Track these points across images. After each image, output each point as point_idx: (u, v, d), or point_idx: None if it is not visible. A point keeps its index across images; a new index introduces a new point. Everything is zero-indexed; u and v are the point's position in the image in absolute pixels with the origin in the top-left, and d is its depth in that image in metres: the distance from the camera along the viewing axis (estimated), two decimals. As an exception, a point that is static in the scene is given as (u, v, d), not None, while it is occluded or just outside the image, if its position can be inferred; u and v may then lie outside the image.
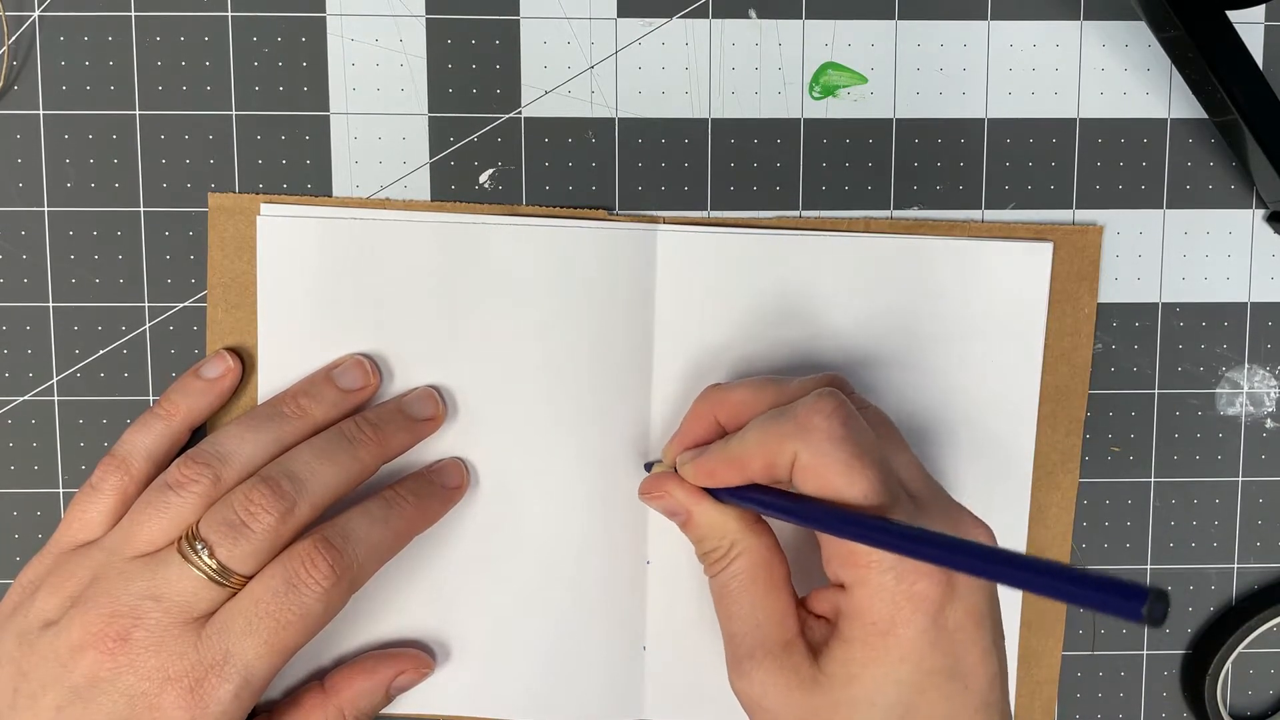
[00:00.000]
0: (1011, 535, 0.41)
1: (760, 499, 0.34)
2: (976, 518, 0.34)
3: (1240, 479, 0.42)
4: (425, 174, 0.40)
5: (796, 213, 0.40)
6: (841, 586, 0.33)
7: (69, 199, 0.40)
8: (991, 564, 0.28)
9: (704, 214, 0.40)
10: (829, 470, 0.32)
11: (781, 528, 0.36)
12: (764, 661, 0.33)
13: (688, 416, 0.37)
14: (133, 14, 0.39)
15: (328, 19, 0.39)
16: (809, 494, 0.32)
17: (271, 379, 0.40)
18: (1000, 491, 0.41)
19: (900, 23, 0.40)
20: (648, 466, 0.39)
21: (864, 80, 0.40)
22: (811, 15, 0.40)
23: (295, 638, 0.34)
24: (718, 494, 0.35)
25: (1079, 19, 0.40)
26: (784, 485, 0.34)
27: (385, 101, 0.40)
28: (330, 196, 0.40)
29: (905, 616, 0.31)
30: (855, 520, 0.31)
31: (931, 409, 0.40)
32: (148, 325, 0.40)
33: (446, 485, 0.39)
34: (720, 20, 0.40)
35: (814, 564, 0.36)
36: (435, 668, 0.40)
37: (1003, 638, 0.34)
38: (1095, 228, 0.40)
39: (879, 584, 0.32)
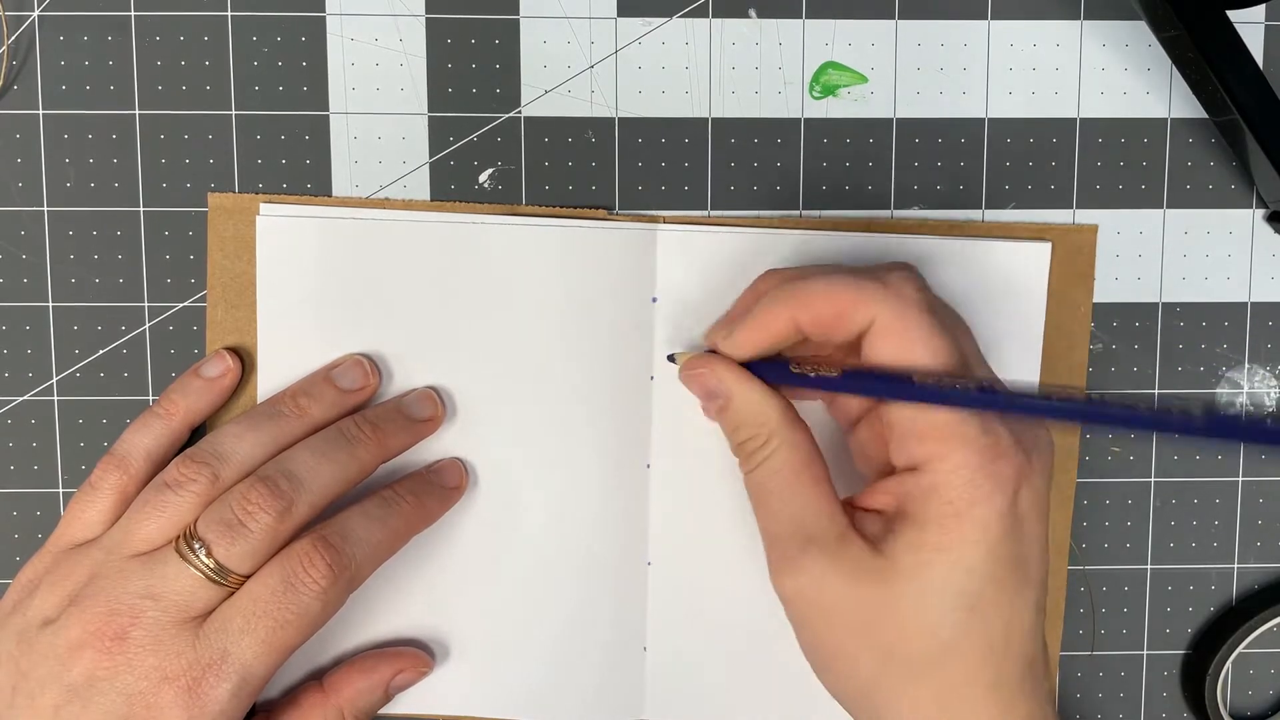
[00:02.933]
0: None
1: (829, 378, 0.32)
2: None
3: (1240, 479, 0.42)
4: (425, 174, 0.40)
5: (797, 213, 0.40)
6: (911, 470, 0.31)
7: (69, 199, 0.40)
8: (1125, 415, 0.27)
9: (704, 214, 0.40)
10: (912, 335, 0.30)
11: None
12: (818, 556, 0.31)
13: (741, 299, 0.37)
14: (132, 14, 0.39)
15: (327, 19, 0.39)
16: (880, 363, 0.31)
17: (271, 379, 0.40)
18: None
19: (900, 22, 0.40)
20: (671, 359, 0.38)
21: (864, 80, 0.40)
22: (811, 15, 0.40)
23: (293, 637, 0.34)
24: (767, 378, 0.33)
25: (1079, 19, 0.40)
26: (837, 347, 0.32)
27: (385, 101, 0.40)
28: (330, 196, 0.40)
29: (985, 495, 0.30)
30: (955, 391, 0.29)
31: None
32: (147, 325, 0.40)
33: (445, 485, 0.39)
34: (720, 20, 0.40)
35: (846, 470, 0.34)
36: (434, 667, 0.40)
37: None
38: (1089, 227, 0.40)
39: (961, 460, 0.30)
